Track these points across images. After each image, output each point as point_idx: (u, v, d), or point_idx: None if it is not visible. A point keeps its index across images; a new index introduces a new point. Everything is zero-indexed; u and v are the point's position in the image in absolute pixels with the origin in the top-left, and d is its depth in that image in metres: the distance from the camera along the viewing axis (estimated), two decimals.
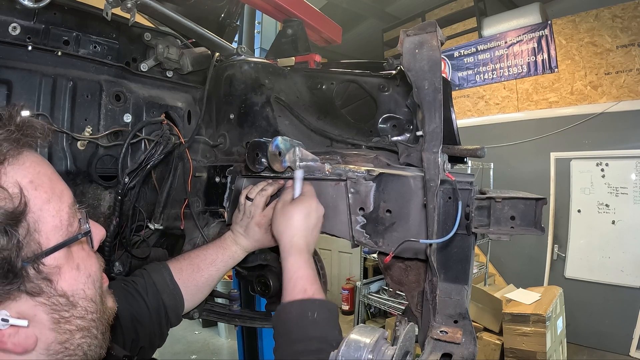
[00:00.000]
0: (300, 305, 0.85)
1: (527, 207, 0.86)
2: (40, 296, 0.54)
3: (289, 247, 0.95)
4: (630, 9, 4.61)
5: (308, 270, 0.92)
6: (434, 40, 0.82)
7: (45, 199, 0.56)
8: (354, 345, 0.63)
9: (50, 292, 0.55)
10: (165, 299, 1.03)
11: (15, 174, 0.53)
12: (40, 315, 0.55)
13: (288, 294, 0.89)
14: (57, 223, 0.57)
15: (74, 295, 0.58)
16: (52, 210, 0.56)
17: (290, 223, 0.97)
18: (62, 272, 0.57)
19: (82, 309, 0.59)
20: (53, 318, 0.56)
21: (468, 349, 0.78)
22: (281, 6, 1.37)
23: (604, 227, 4.80)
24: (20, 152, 0.55)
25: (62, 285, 0.56)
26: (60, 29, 1.06)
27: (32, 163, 0.56)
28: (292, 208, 0.98)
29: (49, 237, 0.55)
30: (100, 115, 1.13)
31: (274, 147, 1.04)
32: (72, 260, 0.59)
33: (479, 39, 6.00)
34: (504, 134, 5.59)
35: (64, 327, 0.57)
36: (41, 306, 0.54)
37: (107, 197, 1.16)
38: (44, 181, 0.57)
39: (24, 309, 0.53)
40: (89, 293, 0.60)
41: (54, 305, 0.56)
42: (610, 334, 4.64)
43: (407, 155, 0.98)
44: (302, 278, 0.90)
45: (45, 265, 0.54)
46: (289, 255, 0.94)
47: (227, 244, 1.13)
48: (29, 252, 0.53)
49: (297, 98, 1.26)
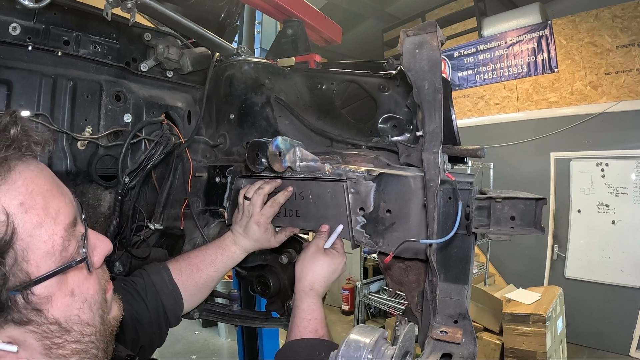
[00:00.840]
0: (311, 344, 0.88)
1: (527, 207, 0.86)
2: (29, 325, 0.51)
3: (309, 289, 0.99)
4: (630, 9, 4.61)
5: (322, 313, 0.96)
6: (434, 40, 0.82)
7: (36, 223, 0.51)
8: (353, 345, 0.63)
9: (40, 320, 0.52)
10: (165, 300, 1.03)
11: (3, 197, 0.49)
12: (30, 341, 0.52)
13: (299, 332, 0.91)
14: (49, 249, 0.52)
15: (67, 321, 0.55)
16: (43, 236, 0.52)
17: (317, 270, 1.00)
18: (54, 300, 0.53)
19: (77, 333, 0.56)
20: (44, 344, 0.53)
21: (468, 349, 0.78)
22: (281, 6, 1.37)
23: (604, 227, 4.80)
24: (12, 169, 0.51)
25: (54, 313, 0.53)
26: (61, 29, 1.06)
27: (25, 181, 0.52)
28: (324, 258, 1.02)
29: (39, 265, 0.51)
30: (101, 115, 1.13)
31: (274, 147, 1.04)
32: (65, 287, 0.55)
33: (479, 39, 6.00)
34: (504, 134, 5.58)
35: (57, 352, 0.54)
36: (30, 333, 0.52)
37: (107, 197, 1.16)
38: (37, 202, 0.52)
39: (13, 334, 0.51)
40: (84, 317, 0.57)
41: (44, 333, 0.52)
42: (610, 334, 4.64)
43: (407, 155, 0.98)
44: (316, 320, 0.93)
45: (34, 294, 0.51)
46: (308, 297, 0.97)
47: (227, 244, 1.13)
48: (17, 282, 0.49)
49: (297, 98, 1.26)
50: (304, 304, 0.96)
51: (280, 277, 1.30)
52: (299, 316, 0.94)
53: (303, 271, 1.01)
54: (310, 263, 1.01)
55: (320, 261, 1.01)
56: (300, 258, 1.04)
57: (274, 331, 2.99)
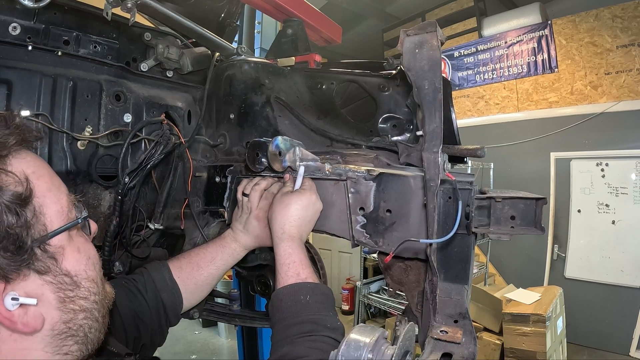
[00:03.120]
0: (293, 289, 0.86)
1: (527, 207, 0.86)
2: (47, 275, 0.58)
3: (281, 233, 0.95)
4: (630, 9, 4.61)
5: (301, 254, 0.93)
6: (434, 40, 0.82)
7: (46, 188, 0.61)
8: (353, 344, 0.63)
9: (56, 270, 0.59)
10: (164, 297, 1.03)
11: (20, 165, 0.58)
12: (47, 294, 0.58)
13: (282, 279, 0.89)
14: (59, 208, 0.61)
15: (77, 275, 0.62)
16: (53, 197, 0.61)
17: (286, 211, 0.96)
18: (66, 253, 0.60)
19: (85, 290, 0.62)
20: (59, 297, 0.59)
21: (468, 349, 0.78)
22: (281, 6, 1.37)
23: (604, 227, 4.80)
24: (21, 149, 0.60)
25: (66, 265, 0.60)
26: (61, 29, 1.06)
27: (33, 158, 0.62)
28: (290, 197, 0.98)
29: (52, 220, 0.59)
30: (101, 115, 1.13)
31: (274, 147, 1.04)
32: (73, 244, 0.63)
33: (479, 39, 6.00)
34: (504, 134, 5.59)
35: (69, 306, 0.60)
36: (48, 285, 0.58)
37: (107, 197, 1.16)
38: (44, 173, 0.62)
39: (32, 289, 0.56)
40: (90, 274, 0.64)
41: (59, 284, 0.59)
42: (610, 334, 4.64)
43: (407, 155, 0.98)
44: (295, 262, 0.90)
45: (51, 245, 0.58)
46: (281, 241, 0.94)
47: (227, 242, 1.13)
48: (36, 233, 0.57)
49: (297, 98, 1.26)
50: (280, 249, 0.93)
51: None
52: (278, 263, 0.91)
53: (272, 217, 0.98)
54: (277, 207, 0.98)
55: (288, 200, 0.97)
56: (270, 211, 1.01)
57: None
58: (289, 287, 0.86)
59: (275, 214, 0.98)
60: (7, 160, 0.57)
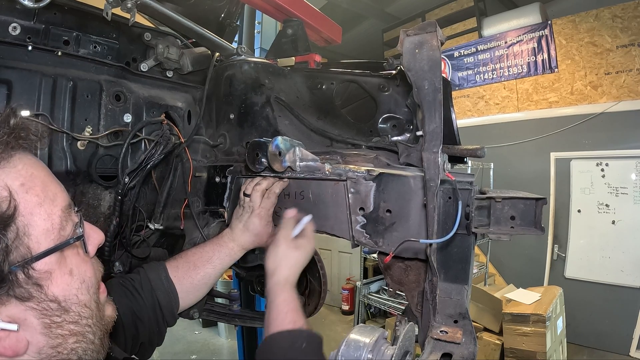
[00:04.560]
0: (291, 336, 0.87)
1: (527, 207, 0.86)
2: (29, 301, 0.53)
3: (284, 282, 0.96)
4: (630, 9, 4.61)
5: (297, 304, 0.94)
6: (434, 40, 0.82)
7: (36, 202, 0.55)
8: (353, 344, 0.63)
9: (41, 297, 0.54)
10: (159, 296, 1.03)
11: (6, 177, 0.53)
12: (30, 319, 0.54)
13: (278, 325, 0.89)
14: (49, 227, 0.56)
15: (67, 300, 0.57)
16: (43, 214, 0.55)
17: (291, 264, 0.99)
18: (54, 277, 0.56)
19: (75, 314, 0.58)
20: (44, 323, 0.55)
21: (468, 349, 0.78)
22: (281, 6, 1.37)
23: (604, 227, 4.80)
24: (13, 155, 0.55)
25: (54, 291, 0.56)
26: (60, 29, 1.06)
27: (25, 165, 0.56)
28: (296, 251, 1.00)
29: (39, 241, 0.54)
30: (100, 115, 1.13)
31: (274, 147, 1.04)
32: (64, 265, 0.58)
33: (479, 39, 6.00)
34: (504, 134, 5.58)
35: (56, 331, 0.56)
36: (31, 310, 0.54)
37: (107, 197, 1.16)
38: (36, 184, 0.56)
39: (14, 313, 0.53)
40: (82, 299, 0.59)
41: (44, 310, 0.55)
42: (610, 334, 4.64)
43: (407, 155, 0.98)
44: (293, 311, 0.92)
45: (35, 270, 0.53)
46: (283, 290, 0.95)
47: (224, 241, 1.13)
48: (18, 257, 0.52)
49: (297, 98, 1.26)
50: (280, 298, 0.94)
51: None
52: (276, 310, 0.92)
53: (278, 267, 0.99)
54: (284, 259, 0.99)
55: (293, 254, 1.00)
56: (272, 253, 1.01)
57: None
58: (286, 332, 0.87)
59: (281, 265, 0.99)
60: None
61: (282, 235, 1.03)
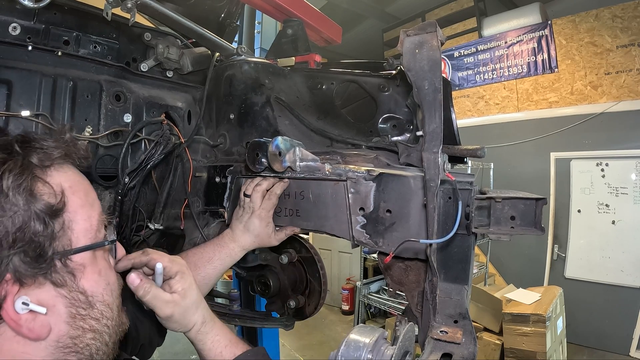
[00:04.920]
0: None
1: (527, 207, 0.86)
2: (62, 288, 0.59)
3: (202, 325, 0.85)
4: (630, 9, 4.61)
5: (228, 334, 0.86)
6: (434, 40, 0.82)
7: (80, 204, 0.63)
8: (353, 344, 0.63)
9: (72, 286, 0.60)
10: None
11: (59, 177, 0.61)
12: (59, 306, 0.59)
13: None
14: (87, 227, 0.63)
15: (93, 296, 0.62)
16: (84, 215, 0.63)
17: (191, 308, 0.83)
18: (86, 272, 0.62)
19: (98, 312, 0.63)
20: (70, 312, 0.60)
21: (468, 349, 0.78)
22: (281, 6, 1.37)
23: (604, 227, 4.80)
24: (65, 163, 0.64)
25: (84, 284, 0.61)
26: (61, 29, 1.06)
27: (73, 173, 0.65)
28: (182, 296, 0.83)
29: (79, 237, 0.61)
30: (101, 115, 1.13)
31: (274, 147, 1.04)
32: (95, 265, 0.64)
33: (479, 39, 6.00)
34: (504, 134, 5.58)
35: (78, 323, 0.60)
36: (61, 298, 0.59)
37: (107, 197, 1.16)
38: (80, 189, 0.64)
39: (45, 298, 0.57)
40: (107, 299, 0.65)
41: (73, 300, 0.60)
42: (610, 334, 4.64)
43: (407, 155, 0.98)
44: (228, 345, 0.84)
45: (72, 261, 0.60)
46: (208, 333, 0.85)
47: (225, 242, 1.13)
48: (60, 246, 0.59)
49: (297, 98, 1.26)
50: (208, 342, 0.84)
51: (280, 277, 1.30)
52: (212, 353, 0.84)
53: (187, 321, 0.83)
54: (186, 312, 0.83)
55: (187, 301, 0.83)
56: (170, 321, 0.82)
57: (274, 331, 2.99)
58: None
59: (181, 316, 0.82)
60: (47, 171, 0.60)
61: (161, 301, 0.80)
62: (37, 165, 0.58)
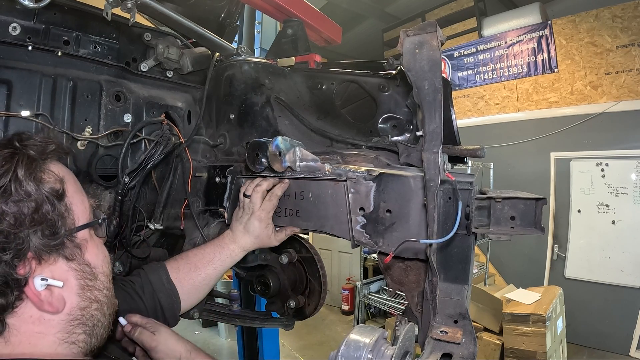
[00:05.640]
0: None
1: (527, 207, 0.86)
2: (72, 261, 0.66)
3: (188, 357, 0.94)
4: (630, 9, 4.61)
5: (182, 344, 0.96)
6: (434, 40, 0.82)
7: (74, 190, 0.71)
8: (353, 344, 0.63)
9: (80, 259, 0.67)
10: (161, 299, 1.03)
11: (57, 168, 0.69)
12: (71, 279, 0.65)
13: None
14: (83, 209, 0.71)
15: (96, 267, 0.70)
16: (79, 199, 0.71)
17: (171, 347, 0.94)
18: (89, 246, 0.70)
19: (100, 283, 0.70)
20: (80, 284, 0.66)
21: (468, 349, 0.78)
22: (281, 6, 1.37)
23: (604, 227, 4.80)
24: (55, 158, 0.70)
25: (88, 257, 0.69)
26: (60, 29, 1.06)
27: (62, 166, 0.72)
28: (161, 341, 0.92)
29: (79, 217, 0.69)
30: (100, 115, 1.13)
31: (274, 147, 1.04)
32: (93, 240, 0.72)
33: (479, 39, 6.00)
34: (504, 134, 5.59)
35: (87, 294, 0.67)
36: (72, 272, 0.66)
37: (107, 197, 1.16)
38: (71, 179, 0.72)
39: (59, 273, 0.64)
40: (105, 270, 0.72)
41: (82, 272, 0.67)
42: (610, 334, 4.64)
43: (407, 155, 0.98)
44: None
45: (77, 237, 0.68)
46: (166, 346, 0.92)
47: (225, 243, 1.13)
48: (68, 224, 0.66)
49: (297, 98, 1.26)
50: None
51: (280, 277, 1.30)
52: None
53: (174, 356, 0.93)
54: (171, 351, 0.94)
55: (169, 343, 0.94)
56: None
57: (274, 331, 2.99)
58: None
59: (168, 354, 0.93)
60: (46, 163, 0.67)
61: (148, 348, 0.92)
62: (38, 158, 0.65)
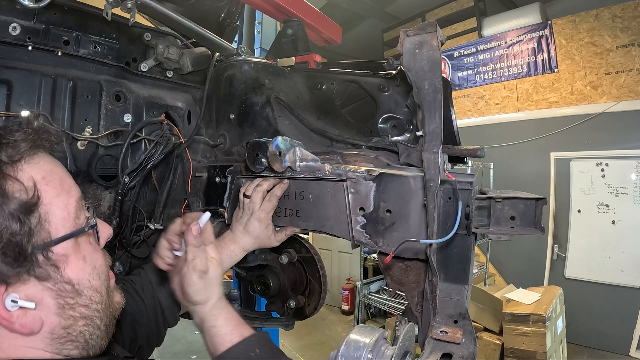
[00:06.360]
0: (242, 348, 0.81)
1: (527, 207, 0.86)
2: (47, 281, 0.59)
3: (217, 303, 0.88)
4: (630, 9, 4.61)
5: (238, 317, 0.88)
6: (434, 40, 0.82)
7: (55, 194, 0.61)
8: (353, 344, 0.63)
9: (57, 278, 0.60)
10: (162, 298, 1.03)
11: (31, 170, 0.59)
12: (46, 299, 0.59)
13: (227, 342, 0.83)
14: (65, 215, 0.62)
15: (80, 283, 0.62)
16: (60, 204, 0.62)
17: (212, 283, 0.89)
18: (69, 261, 0.61)
19: (86, 298, 0.63)
20: (58, 303, 0.60)
21: (468, 349, 0.78)
22: (281, 6, 1.37)
23: (604, 227, 4.80)
24: (36, 153, 0.62)
25: (69, 273, 0.61)
26: (60, 29, 1.06)
27: (46, 162, 0.63)
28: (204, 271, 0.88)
29: (57, 228, 0.60)
30: (100, 115, 1.13)
31: (274, 147, 1.04)
32: (78, 252, 0.63)
33: (479, 39, 6.00)
34: (504, 134, 5.59)
35: (68, 313, 0.61)
36: (48, 291, 0.59)
37: (107, 197, 1.16)
38: (55, 178, 0.63)
39: (32, 293, 0.58)
40: (94, 283, 0.65)
41: (59, 291, 0.60)
42: (610, 334, 4.64)
43: (407, 155, 0.98)
44: (237, 326, 0.86)
45: (53, 253, 0.59)
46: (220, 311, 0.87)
47: (225, 243, 1.13)
48: (39, 240, 0.58)
49: (297, 98, 1.26)
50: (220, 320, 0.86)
51: (280, 277, 1.30)
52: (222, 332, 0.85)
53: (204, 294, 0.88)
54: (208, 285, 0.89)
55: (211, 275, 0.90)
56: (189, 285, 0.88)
57: (274, 331, 2.99)
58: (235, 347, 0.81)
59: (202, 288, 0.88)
60: (18, 166, 0.58)
61: (204, 255, 0.91)
62: (6, 162, 0.57)
